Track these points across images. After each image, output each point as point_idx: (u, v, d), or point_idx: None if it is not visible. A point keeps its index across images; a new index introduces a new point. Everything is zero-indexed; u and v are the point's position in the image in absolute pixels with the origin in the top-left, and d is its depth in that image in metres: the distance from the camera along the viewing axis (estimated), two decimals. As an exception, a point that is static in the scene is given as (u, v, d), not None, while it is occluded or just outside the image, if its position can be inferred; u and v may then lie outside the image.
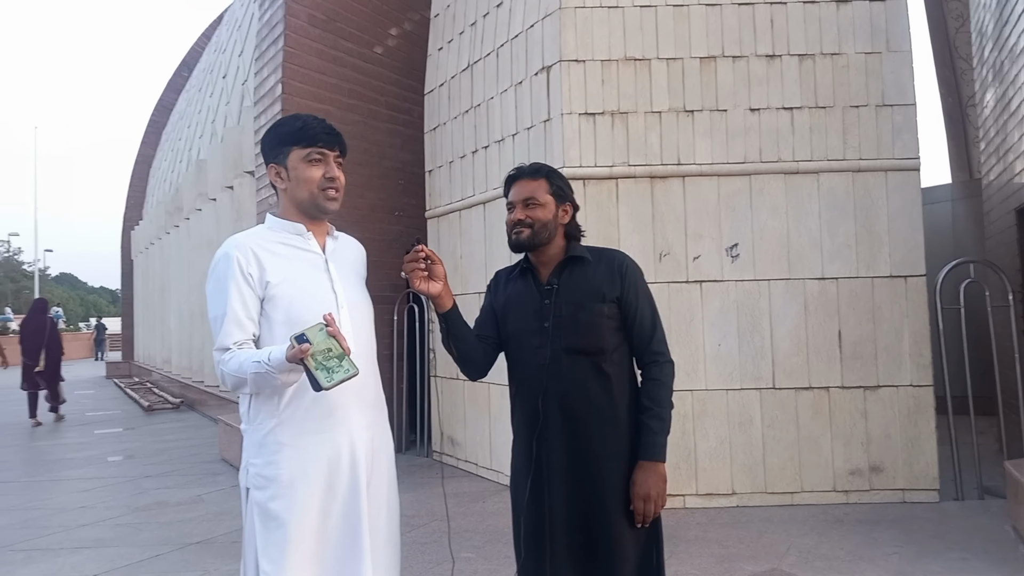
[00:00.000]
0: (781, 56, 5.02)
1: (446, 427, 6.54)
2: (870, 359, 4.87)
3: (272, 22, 7.01)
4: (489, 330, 2.26)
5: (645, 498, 2.05)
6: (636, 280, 2.18)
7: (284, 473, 1.87)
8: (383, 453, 2.07)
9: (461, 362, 2.23)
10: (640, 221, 4.99)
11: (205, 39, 19.32)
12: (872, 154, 4.94)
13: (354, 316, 2.02)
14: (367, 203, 7.02)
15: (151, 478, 6.57)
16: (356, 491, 1.93)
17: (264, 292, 1.92)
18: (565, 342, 2.10)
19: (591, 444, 2.09)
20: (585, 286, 2.14)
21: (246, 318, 1.90)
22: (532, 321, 2.16)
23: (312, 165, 1.99)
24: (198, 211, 12.21)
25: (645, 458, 2.08)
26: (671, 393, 2.15)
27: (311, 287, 1.97)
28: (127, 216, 21.67)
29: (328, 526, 1.90)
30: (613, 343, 2.13)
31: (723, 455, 4.88)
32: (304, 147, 1.98)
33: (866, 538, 4.12)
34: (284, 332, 1.86)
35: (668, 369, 2.16)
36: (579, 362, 2.10)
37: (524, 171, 2.24)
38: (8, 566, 4.18)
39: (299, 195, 2.00)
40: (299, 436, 1.89)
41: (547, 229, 2.16)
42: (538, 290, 2.18)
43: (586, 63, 5.06)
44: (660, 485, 2.07)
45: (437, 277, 2.06)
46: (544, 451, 2.11)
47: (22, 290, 47.83)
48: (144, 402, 12.63)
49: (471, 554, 4.04)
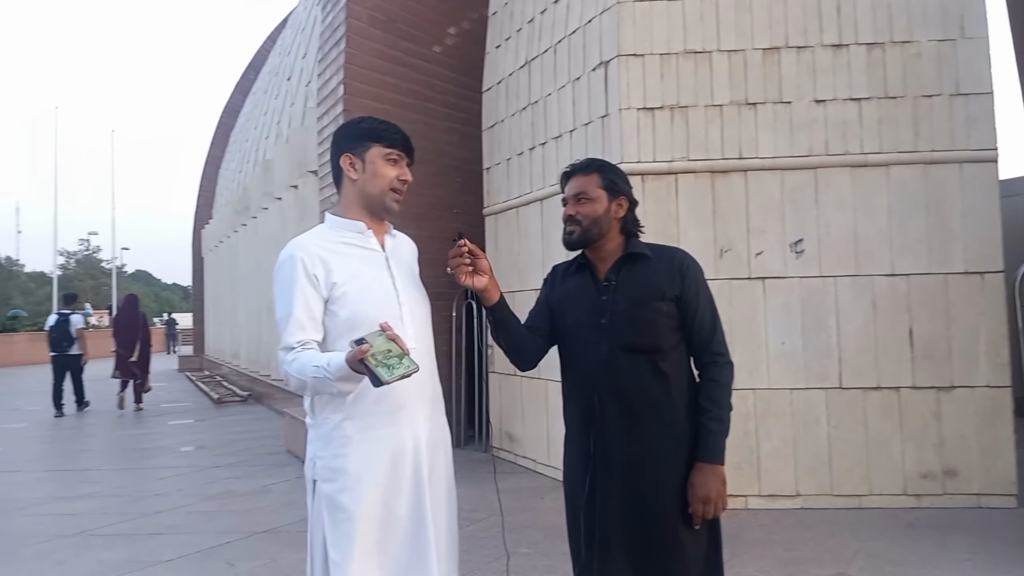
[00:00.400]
0: (848, 45, 4.86)
1: (504, 423, 6.58)
2: (943, 359, 4.69)
3: (334, 24, 7.16)
4: (542, 323, 2.24)
5: (704, 500, 2.01)
6: (697, 279, 2.14)
7: (352, 466, 1.92)
8: (441, 446, 2.12)
9: (510, 353, 2.22)
10: (700, 217, 4.92)
11: (271, 42, 19.85)
12: (945, 145, 4.75)
13: (413, 312, 2.07)
14: (425, 201, 7.10)
15: (221, 468, 6.81)
16: (419, 483, 1.98)
17: (330, 292, 1.97)
18: (622, 339, 2.07)
19: (648, 443, 2.07)
20: (644, 283, 2.10)
21: (308, 319, 1.95)
22: (589, 317, 2.13)
23: (390, 164, 2.09)
24: (264, 210, 12.56)
25: (704, 460, 2.04)
26: (730, 394, 2.11)
27: (373, 285, 2.03)
28: (198, 215, 22.46)
29: (393, 517, 1.95)
30: (671, 341, 2.09)
31: (787, 455, 4.77)
32: (386, 146, 2.08)
33: (938, 544, 3.97)
34: (348, 328, 1.92)
35: (727, 370, 2.11)
36: (636, 360, 2.07)
37: (577, 167, 2.22)
38: (91, 550, 4.41)
39: (371, 189, 2.08)
40: (365, 430, 1.95)
41: (597, 225, 2.14)
42: (595, 286, 2.16)
43: (644, 57, 5.01)
44: (719, 487, 2.03)
45: (482, 271, 2.04)
46: (600, 448, 2.10)
47: (101, 287, 50.04)
48: (214, 395, 13.09)
49: (529, 550, 4.06)
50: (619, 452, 2.08)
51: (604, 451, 2.09)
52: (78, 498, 5.76)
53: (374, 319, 1.86)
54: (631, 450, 2.07)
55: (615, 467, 2.08)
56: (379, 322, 1.82)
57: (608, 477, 2.08)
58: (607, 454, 2.09)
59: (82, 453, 7.81)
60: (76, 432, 9.49)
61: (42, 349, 12.20)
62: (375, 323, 1.85)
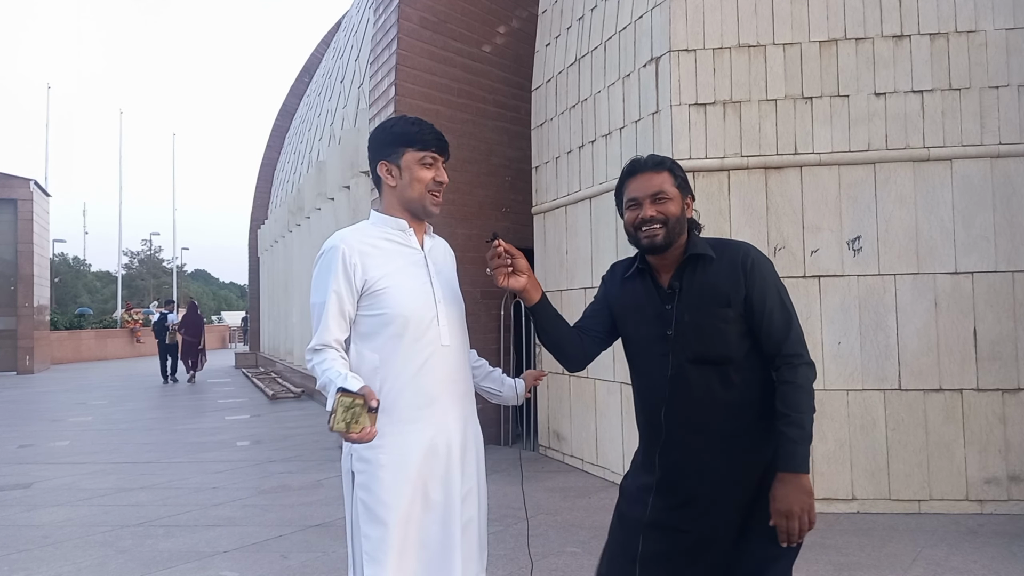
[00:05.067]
0: (910, 36, 4.71)
1: (552, 422, 6.57)
2: (1010, 360, 4.50)
3: (386, 26, 7.24)
4: (599, 325, 2.14)
5: (788, 515, 1.85)
6: (764, 275, 1.97)
7: (384, 458, 1.97)
8: (473, 447, 2.14)
9: (555, 354, 2.12)
10: (753, 214, 4.82)
11: (324, 45, 20.22)
12: (1014, 138, 4.56)
13: (449, 312, 2.11)
14: (475, 200, 7.14)
15: (275, 463, 6.97)
16: (450, 480, 2.02)
17: (365, 286, 2.02)
18: (690, 352, 1.95)
19: (722, 461, 1.95)
20: (708, 289, 1.96)
21: (338, 314, 2.01)
22: (654, 327, 2.01)
23: (425, 168, 2.09)
24: (318, 210, 12.80)
25: (784, 469, 1.88)
26: (812, 398, 1.92)
27: (411, 283, 2.06)
28: (254, 215, 23.01)
29: (422, 510, 1.99)
30: (743, 349, 1.95)
31: (843, 458, 4.65)
32: (419, 150, 2.08)
33: (1003, 551, 3.82)
34: (384, 323, 2.00)
35: (806, 371, 1.92)
36: (705, 373, 1.94)
37: (646, 163, 2.03)
38: (151, 539, 4.56)
39: (409, 194, 2.10)
40: (398, 424, 1.98)
41: (680, 225, 1.99)
42: (658, 293, 2.03)
43: (696, 52, 4.94)
44: (805, 499, 1.85)
45: (520, 271, 1.96)
46: (664, 468, 2.00)
47: (162, 285, 51.65)
48: (268, 391, 13.38)
49: (577, 549, 4.04)
50: (684, 474, 1.97)
51: (668, 471, 1.99)
52: (140, 489, 5.96)
53: (409, 316, 1.97)
54: (698, 471, 1.96)
55: (678, 491, 1.98)
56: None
57: (671, 497, 1.98)
58: (671, 475, 1.98)
59: (145, 446, 8.08)
60: (138, 426, 9.83)
61: (108, 345, 13.31)
62: (410, 320, 1.97)
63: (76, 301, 45.06)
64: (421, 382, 2.01)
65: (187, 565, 4.05)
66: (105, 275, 57.37)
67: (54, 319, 24.44)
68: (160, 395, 14.00)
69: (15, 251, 20.08)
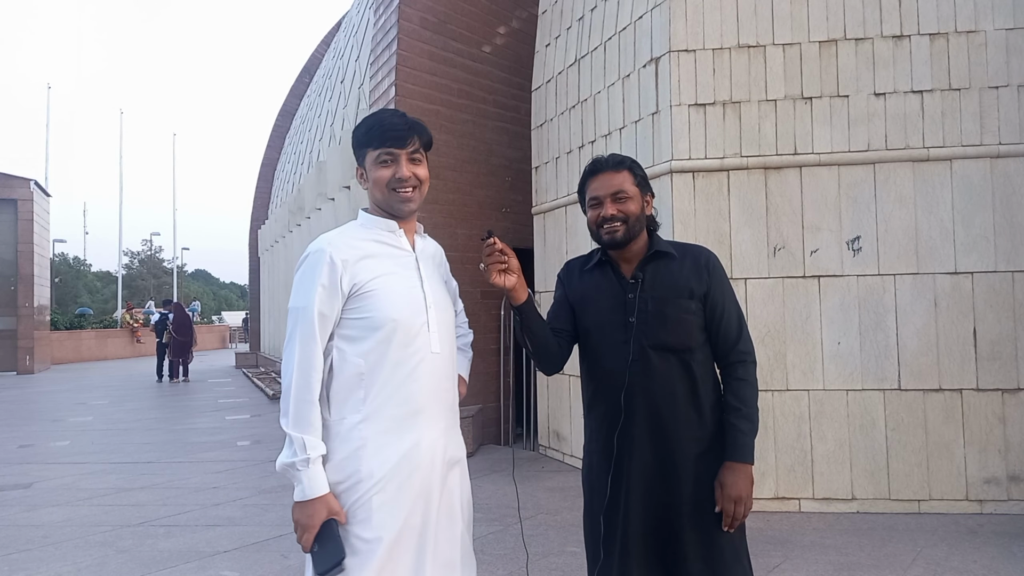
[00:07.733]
0: (910, 36, 4.72)
1: (552, 422, 6.57)
2: (1010, 360, 4.50)
3: (386, 27, 7.25)
4: (564, 323, 2.18)
5: (736, 500, 1.98)
6: (722, 277, 2.13)
7: (364, 467, 1.86)
8: (458, 466, 2.03)
9: (536, 356, 2.14)
10: (753, 214, 4.83)
11: (324, 46, 20.23)
12: (1014, 139, 4.57)
13: (440, 317, 2.01)
14: (475, 200, 7.14)
15: (275, 463, 6.97)
16: (429, 496, 1.91)
17: (353, 289, 1.90)
18: (653, 339, 2.04)
19: (677, 444, 2.03)
20: (671, 282, 2.07)
21: (320, 327, 1.87)
22: (615, 315, 2.09)
23: (383, 167, 1.96)
24: (318, 210, 12.80)
25: (734, 459, 2.01)
26: (758, 394, 2.09)
27: (401, 287, 1.95)
28: (254, 216, 23.02)
29: (399, 520, 1.87)
30: (699, 340, 2.07)
31: (842, 459, 4.65)
32: (374, 149, 1.96)
33: (1003, 551, 3.82)
34: (372, 327, 1.88)
35: (754, 370, 2.09)
36: (667, 360, 2.04)
37: (607, 163, 2.13)
38: (152, 539, 4.56)
39: (376, 196, 2.01)
40: (381, 434, 1.88)
41: (639, 222, 2.10)
42: (620, 284, 2.11)
43: (696, 52, 4.94)
44: (749, 487, 2.01)
45: (512, 270, 1.99)
46: (625, 449, 2.05)
47: (162, 285, 51.58)
48: (269, 391, 13.39)
49: (576, 549, 4.05)
50: (644, 453, 2.04)
51: (628, 452, 2.05)
52: (140, 489, 5.96)
53: (398, 321, 1.86)
54: (657, 451, 2.04)
55: (638, 468, 2.04)
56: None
57: (632, 478, 2.04)
58: (631, 455, 2.05)
59: (145, 446, 8.08)
60: (139, 426, 9.83)
61: (109, 345, 13.20)
62: (399, 325, 1.87)
63: (76, 301, 45.02)
64: (408, 390, 1.89)
65: (187, 565, 4.05)
66: (105, 275, 57.37)
67: (54, 319, 24.44)
68: (160, 395, 14.00)
69: (15, 251, 20.10)
